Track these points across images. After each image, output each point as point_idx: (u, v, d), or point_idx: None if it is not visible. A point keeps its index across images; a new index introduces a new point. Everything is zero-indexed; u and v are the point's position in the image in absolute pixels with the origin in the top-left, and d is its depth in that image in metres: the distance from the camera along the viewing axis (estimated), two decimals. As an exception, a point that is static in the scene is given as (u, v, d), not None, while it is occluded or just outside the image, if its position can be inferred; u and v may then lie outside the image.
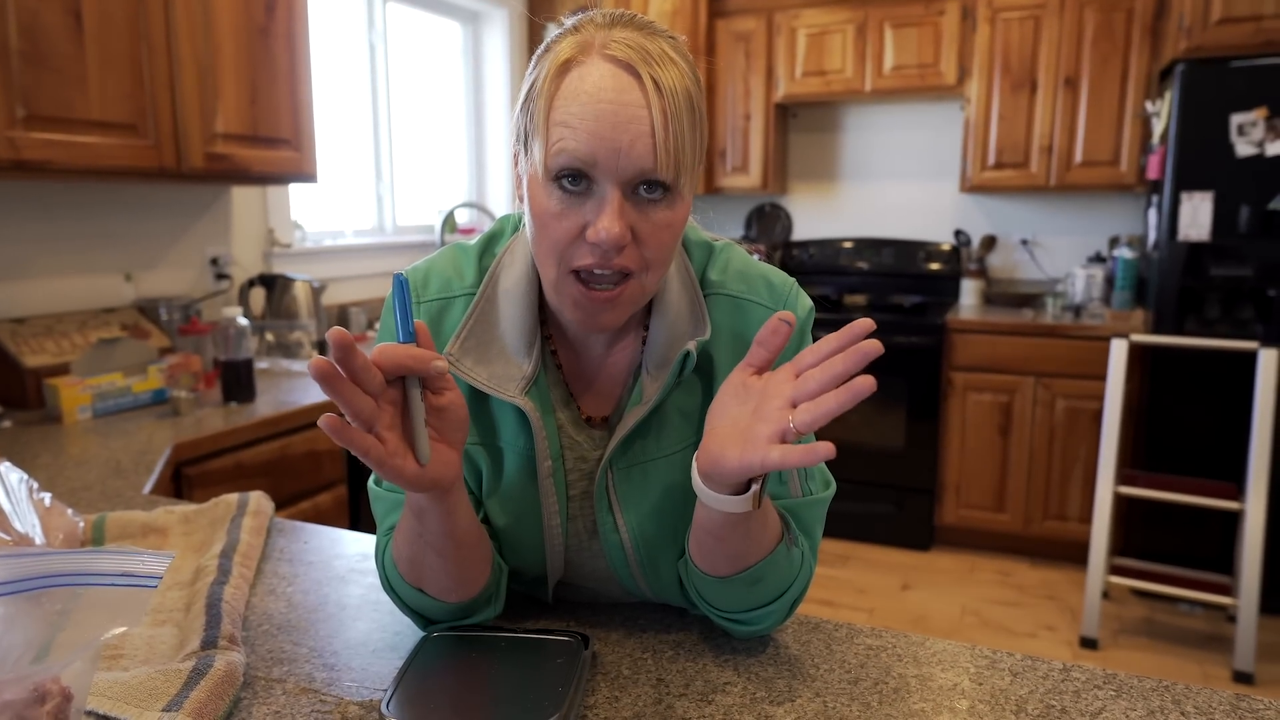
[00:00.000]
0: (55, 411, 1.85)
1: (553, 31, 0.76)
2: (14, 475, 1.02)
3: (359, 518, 2.18)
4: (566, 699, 0.69)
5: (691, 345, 0.80)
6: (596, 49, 0.71)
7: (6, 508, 0.94)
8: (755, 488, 0.69)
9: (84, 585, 0.58)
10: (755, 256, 0.91)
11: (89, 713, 0.69)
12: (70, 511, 1.06)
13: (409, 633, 0.88)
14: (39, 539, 0.94)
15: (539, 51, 0.76)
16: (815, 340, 0.88)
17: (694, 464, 0.71)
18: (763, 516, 0.74)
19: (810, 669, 0.81)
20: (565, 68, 0.71)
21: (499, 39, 3.74)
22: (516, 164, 0.78)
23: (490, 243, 0.88)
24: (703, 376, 0.84)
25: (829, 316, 3.63)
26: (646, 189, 0.71)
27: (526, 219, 0.77)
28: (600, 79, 0.70)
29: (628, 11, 0.76)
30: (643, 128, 0.69)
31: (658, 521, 0.84)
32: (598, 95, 0.69)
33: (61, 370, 1.96)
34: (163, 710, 0.69)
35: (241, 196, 2.67)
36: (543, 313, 0.85)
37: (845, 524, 3.67)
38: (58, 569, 0.57)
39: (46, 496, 1.05)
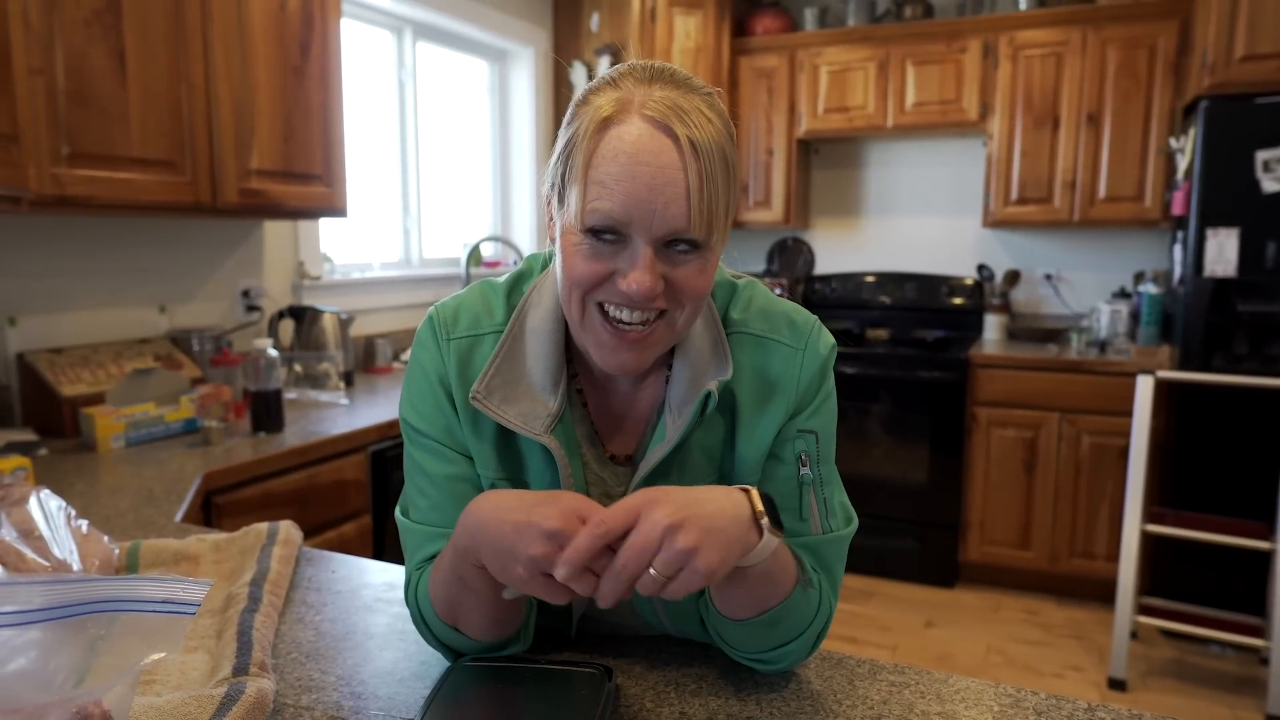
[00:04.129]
0: (90, 440, 1.89)
1: (590, 80, 0.78)
2: (53, 502, 1.05)
3: (383, 547, 2.20)
4: (590, 731, 0.69)
5: (713, 385, 0.81)
6: (635, 108, 0.73)
7: (46, 534, 0.96)
8: (764, 523, 0.69)
9: (127, 611, 0.60)
10: (777, 292, 0.93)
11: (125, 737, 0.71)
12: (106, 538, 1.09)
13: (435, 662, 0.89)
14: (76, 565, 0.96)
15: (577, 100, 0.78)
16: (836, 373, 0.89)
17: None
18: (782, 558, 0.75)
19: (833, 705, 0.81)
20: (605, 125, 0.73)
21: (525, 77, 3.81)
22: (550, 207, 0.80)
23: (519, 281, 0.90)
24: (725, 415, 0.85)
25: (852, 350, 3.63)
26: (679, 245, 0.74)
27: (557, 261, 0.79)
28: (639, 139, 0.72)
29: (667, 66, 0.78)
30: (678, 190, 0.71)
31: (680, 558, 0.85)
32: (636, 156, 0.71)
33: (97, 400, 2.00)
34: (196, 736, 0.70)
35: (273, 230, 2.72)
36: (569, 351, 0.86)
37: (868, 560, 3.64)
38: (102, 595, 0.59)
39: (84, 523, 1.08)
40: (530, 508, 0.68)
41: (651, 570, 0.64)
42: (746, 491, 0.70)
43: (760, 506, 0.70)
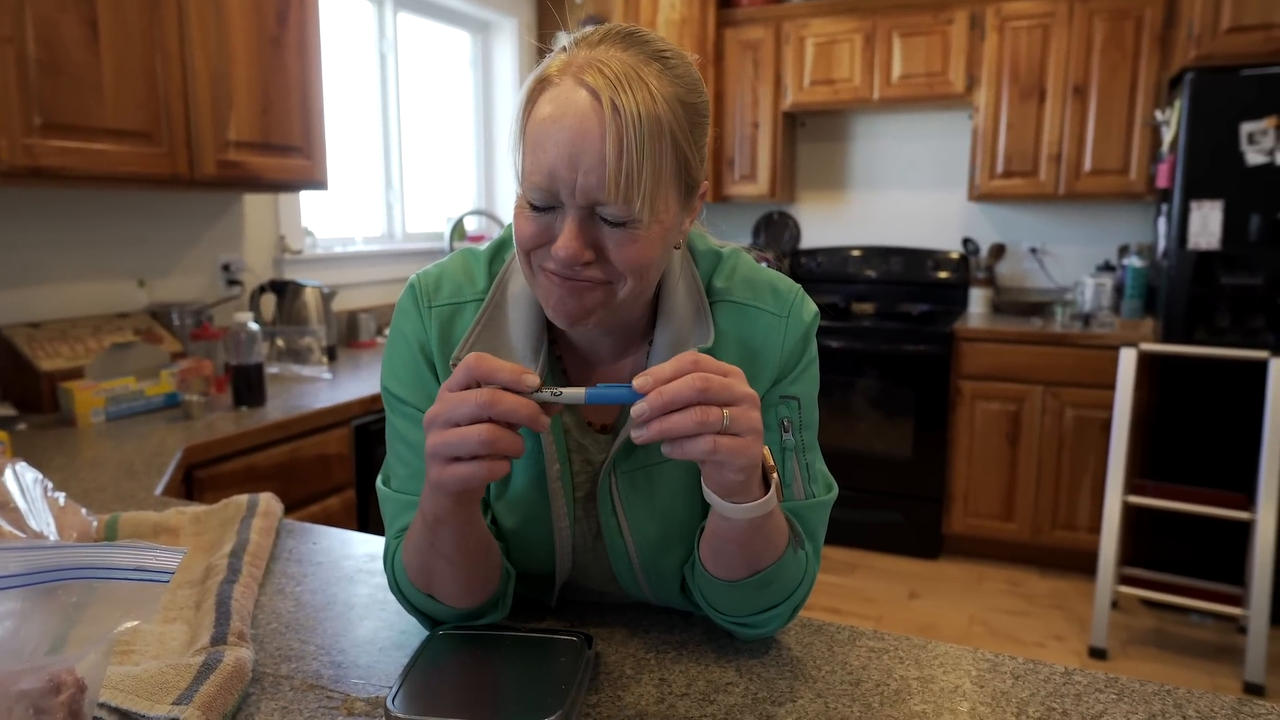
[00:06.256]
0: (69, 414, 1.87)
1: (555, 46, 0.78)
2: (29, 475, 1.04)
3: (367, 521, 2.20)
4: (569, 697, 0.69)
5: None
6: (571, 70, 0.71)
7: (22, 506, 0.95)
8: (774, 479, 0.71)
9: (99, 579, 0.59)
10: (764, 264, 0.92)
11: (101, 705, 0.70)
12: (84, 511, 1.08)
13: (415, 631, 0.89)
14: (53, 536, 0.96)
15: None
16: (821, 346, 0.89)
17: (705, 485, 0.71)
18: (778, 516, 0.75)
19: (812, 670, 0.82)
20: (541, 87, 0.73)
21: (508, 49, 3.77)
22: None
23: (500, 249, 0.89)
24: None
25: (837, 324, 3.64)
26: (607, 213, 0.72)
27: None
28: (564, 103, 0.70)
29: (627, 28, 0.75)
30: (595, 158, 0.69)
31: (661, 525, 0.85)
32: (559, 120, 0.70)
33: (76, 374, 1.98)
34: (173, 703, 0.70)
35: (253, 203, 2.69)
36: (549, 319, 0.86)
37: (852, 532, 3.67)
38: (74, 562, 0.59)
39: (61, 496, 1.07)
40: None
41: (725, 414, 0.65)
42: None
43: (772, 461, 0.72)
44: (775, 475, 0.71)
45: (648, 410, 0.64)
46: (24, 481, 1.02)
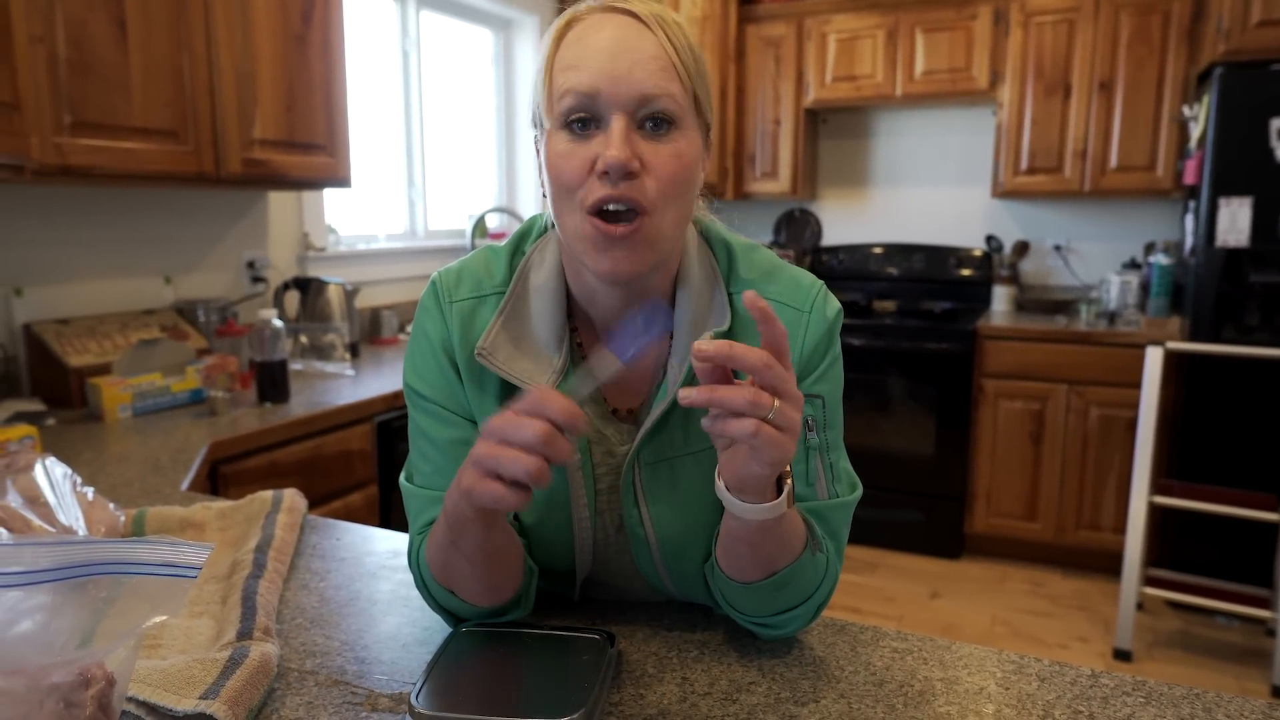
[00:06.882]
0: (97, 410, 1.90)
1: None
2: (59, 470, 1.05)
3: (390, 518, 2.21)
4: (591, 695, 0.69)
5: (707, 336, 0.80)
6: (602, 5, 0.77)
7: (52, 500, 0.97)
8: (788, 485, 0.70)
9: (127, 574, 0.60)
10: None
11: (129, 699, 0.71)
12: (112, 505, 1.09)
13: (438, 628, 0.90)
14: (82, 531, 0.97)
15: None
16: (842, 344, 0.89)
17: (719, 479, 0.71)
18: (792, 519, 0.75)
19: (835, 670, 0.81)
20: (567, 28, 0.77)
21: (529, 46, 3.77)
22: (536, 146, 0.81)
23: (520, 241, 0.90)
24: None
25: (859, 322, 3.62)
26: (652, 123, 0.74)
27: (544, 181, 0.80)
28: (600, 24, 0.75)
29: None
30: (640, 55, 0.73)
31: (684, 517, 0.85)
32: (598, 36, 0.74)
33: (103, 370, 2.00)
34: (199, 698, 0.71)
35: (277, 201, 2.71)
36: (570, 308, 0.86)
37: (874, 531, 3.65)
38: (102, 557, 0.59)
39: (89, 491, 1.08)
40: None
41: (776, 403, 0.64)
42: None
43: (789, 466, 0.71)
44: (789, 480, 0.71)
45: (713, 351, 0.63)
46: (53, 476, 1.04)
